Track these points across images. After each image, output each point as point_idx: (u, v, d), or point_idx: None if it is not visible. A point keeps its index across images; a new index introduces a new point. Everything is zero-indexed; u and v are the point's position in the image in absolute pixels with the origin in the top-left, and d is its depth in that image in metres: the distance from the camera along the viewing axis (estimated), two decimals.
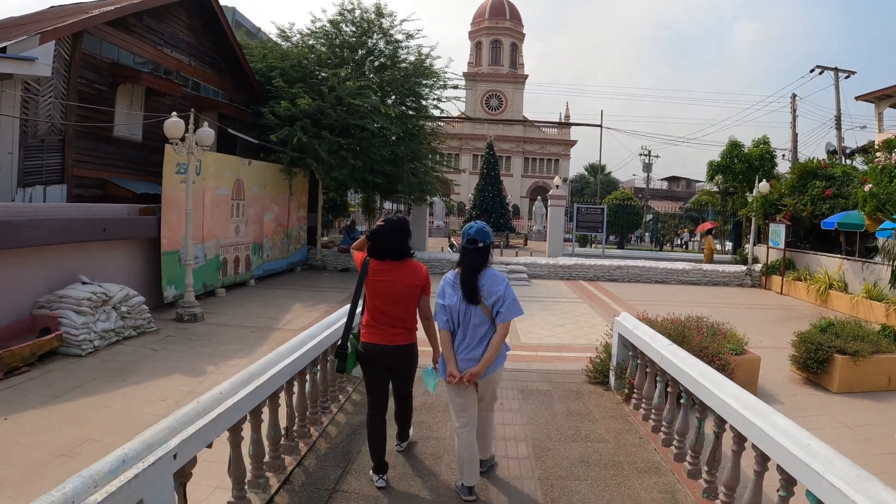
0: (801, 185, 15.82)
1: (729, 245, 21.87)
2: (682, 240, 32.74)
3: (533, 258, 16.97)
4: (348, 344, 3.95)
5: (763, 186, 15.97)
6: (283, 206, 15.25)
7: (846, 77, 25.50)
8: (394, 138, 15.87)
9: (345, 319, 5.47)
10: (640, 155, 52.64)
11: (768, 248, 15.87)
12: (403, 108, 16.53)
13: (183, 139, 9.80)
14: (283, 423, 4.24)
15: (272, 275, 14.70)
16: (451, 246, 19.18)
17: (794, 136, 23.79)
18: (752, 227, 16.74)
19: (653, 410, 4.93)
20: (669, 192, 59.84)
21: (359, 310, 4.06)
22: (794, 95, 23.78)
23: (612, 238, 23.44)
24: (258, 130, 14.71)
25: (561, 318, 10.63)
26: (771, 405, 6.21)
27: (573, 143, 56.95)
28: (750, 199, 16.66)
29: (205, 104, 14.73)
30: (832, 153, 21.30)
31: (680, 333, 5.84)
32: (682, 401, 4.26)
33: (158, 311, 10.16)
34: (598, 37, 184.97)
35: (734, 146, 19.53)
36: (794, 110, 23.75)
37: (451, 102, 17.11)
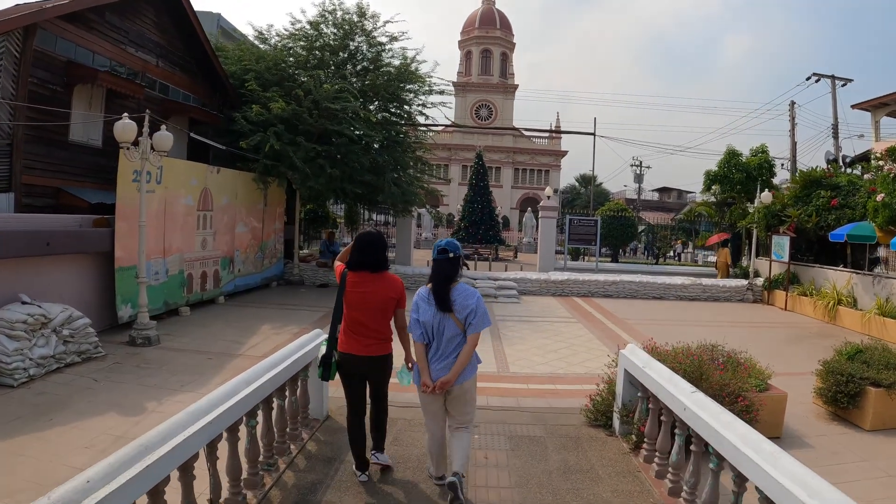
0: (804, 195, 15.06)
1: None
2: (675, 251, 32.00)
3: (523, 273, 16.03)
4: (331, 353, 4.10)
5: (765, 196, 15.19)
6: (257, 217, 14.30)
7: (843, 85, 24.99)
8: (376, 146, 14.99)
9: (302, 352, 4.69)
10: (632, 165, 52.26)
11: (771, 261, 15.06)
12: (386, 114, 15.67)
13: (136, 143, 8.88)
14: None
15: (245, 291, 13.73)
16: None
17: (793, 144, 23.11)
18: (754, 239, 15.94)
19: (669, 468, 4.03)
20: (661, 202, 59.36)
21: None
22: (793, 103, 23.18)
23: (604, 251, 22.60)
24: (231, 137, 13.77)
25: (554, 341, 9.68)
26: (800, 449, 5.40)
27: (564, 153, 56.41)
28: (751, 210, 15.88)
29: (173, 108, 13.83)
30: (832, 162, 20.63)
31: (697, 369, 4.96)
32: (712, 466, 3.35)
33: (112, 332, 9.22)
34: (588, 49, 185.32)
35: (732, 155, 18.77)
36: (792, 118, 23.08)
37: (437, 108, 16.23)
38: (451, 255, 3.80)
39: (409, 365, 4.10)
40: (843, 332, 11.60)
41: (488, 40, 55.62)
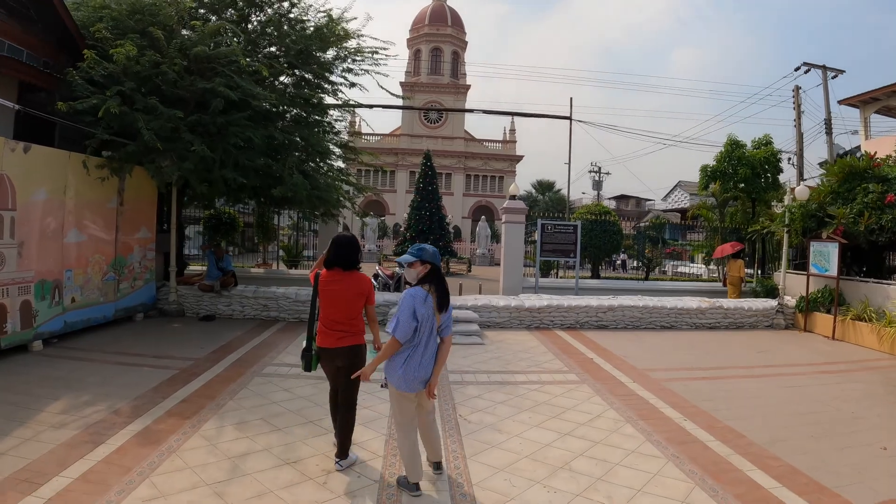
0: (845, 191, 11.72)
1: None
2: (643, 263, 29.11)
3: (486, 298, 11.83)
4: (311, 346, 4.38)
5: (800, 192, 11.78)
6: (108, 221, 9.88)
7: (833, 77, 22.36)
8: (284, 123, 10.89)
9: None
10: (591, 172, 49.76)
11: (809, 275, 11.60)
12: (299, 80, 11.56)
13: None
14: None
15: (87, 329, 9.35)
16: (376, 277, 14.04)
17: (800, 135, 19.98)
18: (784, 247, 12.45)
19: None
20: (618, 210, 57.06)
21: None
22: (798, 88, 20.08)
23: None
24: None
25: (557, 434, 5.29)
26: None
27: (519, 158, 53.39)
28: (780, 210, 12.46)
29: None
30: (843, 156, 17.68)
31: None
32: None
33: None
34: (540, 61, 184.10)
35: (734, 146, 15.48)
36: (798, 105, 19.98)
37: (369, 75, 12.13)
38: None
39: (377, 346, 4.24)
40: None
41: (439, 38, 52.18)
